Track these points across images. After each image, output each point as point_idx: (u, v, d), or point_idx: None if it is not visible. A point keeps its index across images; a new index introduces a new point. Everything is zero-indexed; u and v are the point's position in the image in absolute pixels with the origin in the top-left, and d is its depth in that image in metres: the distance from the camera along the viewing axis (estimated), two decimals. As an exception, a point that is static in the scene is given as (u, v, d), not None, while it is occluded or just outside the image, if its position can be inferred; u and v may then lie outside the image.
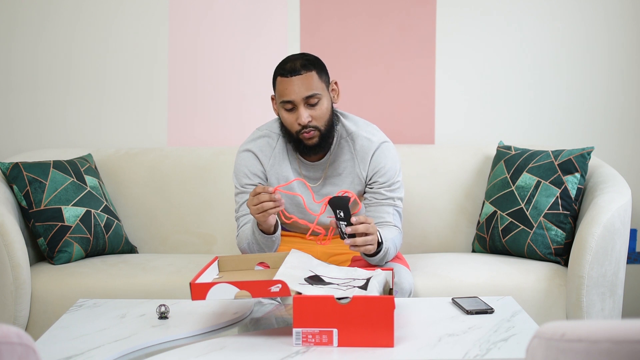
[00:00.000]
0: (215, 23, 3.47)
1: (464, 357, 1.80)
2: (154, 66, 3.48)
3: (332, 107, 2.49)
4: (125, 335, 1.96)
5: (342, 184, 2.52)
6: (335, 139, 2.51)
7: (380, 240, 2.29)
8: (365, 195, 2.54)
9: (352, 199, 2.15)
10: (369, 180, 2.51)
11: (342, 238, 2.20)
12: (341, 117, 2.55)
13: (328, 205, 2.17)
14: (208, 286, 1.92)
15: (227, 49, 3.48)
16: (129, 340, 1.93)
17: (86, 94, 3.49)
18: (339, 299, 1.86)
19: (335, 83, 2.50)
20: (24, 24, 3.45)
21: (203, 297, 1.92)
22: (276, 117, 2.60)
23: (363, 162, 2.50)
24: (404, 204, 2.74)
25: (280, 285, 1.88)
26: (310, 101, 2.38)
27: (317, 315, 1.85)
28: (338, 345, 1.86)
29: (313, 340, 1.86)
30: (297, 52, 3.45)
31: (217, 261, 2.21)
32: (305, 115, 2.38)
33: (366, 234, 2.20)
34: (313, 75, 2.39)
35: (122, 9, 3.46)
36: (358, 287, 2.01)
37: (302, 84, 2.37)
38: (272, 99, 2.50)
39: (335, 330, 1.85)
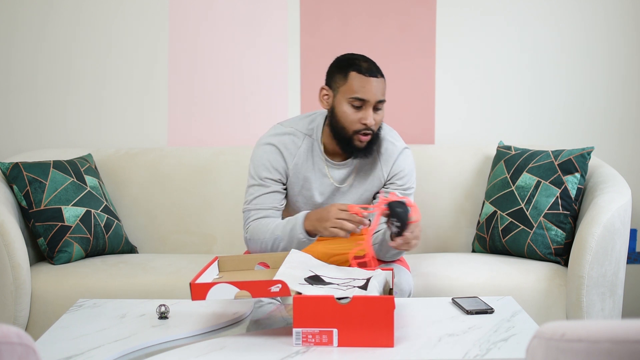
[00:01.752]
0: (215, 23, 3.47)
1: (464, 357, 1.80)
2: (154, 66, 3.48)
3: None
4: (125, 335, 1.96)
5: (366, 185, 2.52)
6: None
7: None
8: (378, 194, 2.53)
9: (411, 211, 2.15)
10: (387, 181, 2.53)
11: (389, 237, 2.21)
12: None
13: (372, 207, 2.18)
14: (208, 286, 1.92)
15: (227, 49, 3.48)
16: (129, 340, 1.93)
17: (86, 94, 3.49)
18: (339, 299, 1.86)
19: None
20: (24, 25, 3.45)
21: (203, 297, 1.92)
22: (301, 115, 2.57)
23: (386, 165, 2.51)
24: None
25: (280, 285, 1.88)
26: (378, 106, 2.39)
27: (317, 315, 1.85)
28: (338, 345, 1.86)
29: (313, 340, 1.86)
30: (298, 52, 3.46)
31: (217, 261, 2.21)
32: (372, 117, 2.38)
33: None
34: (384, 81, 2.42)
35: (122, 9, 3.46)
36: (358, 287, 2.01)
37: (378, 87, 2.38)
38: (324, 89, 2.45)
39: (335, 330, 1.85)
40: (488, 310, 2.11)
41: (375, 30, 3.47)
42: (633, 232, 3.46)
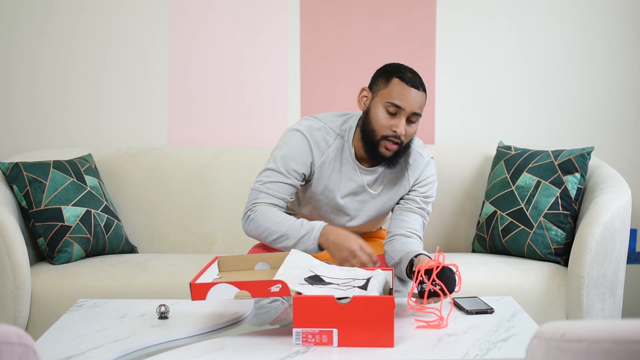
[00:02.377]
0: (215, 23, 3.47)
1: (464, 357, 1.80)
2: (154, 66, 3.48)
3: None
4: (125, 335, 1.96)
5: (391, 193, 2.49)
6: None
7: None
8: (400, 199, 2.51)
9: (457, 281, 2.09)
10: (411, 189, 2.50)
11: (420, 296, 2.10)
12: None
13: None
14: (208, 286, 1.92)
15: (227, 49, 3.48)
16: (129, 340, 1.93)
17: (86, 94, 3.49)
18: (339, 299, 1.86)
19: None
20: (24, 24, 3.45)
21: (203, 298, 1.92)
22: (336, 113, 2.51)
23: (413, 176, 2.48)
24: None
25: (280, 285, 1.87)
26: (413, 118, 2.35)
27: (317, 315, 1.85)
28: (338, 345, 1.85)
29: (313, 340, 1.86)
30: (298, 52, 3.46)
31: (217, 261, 2.21)
32: (404, 127, 2.34)
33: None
34: (425, 96, 2.38)
35: (122, 9, 3.46)
36: (358, 287, 2.01)
37: (417, 99, 2.34)
38: (364, 89, 2.42)
39: (335, 330, 1.85)
40: (488, 310, 2.11)
41: (375, 30, 3.47)
42: (633, 232, 3.46)
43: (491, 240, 3.02)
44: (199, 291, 1.92)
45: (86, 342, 1.92)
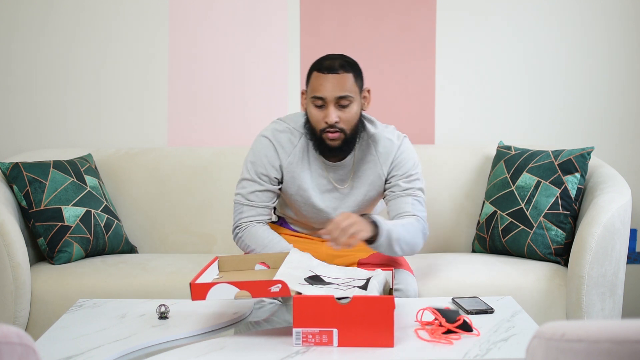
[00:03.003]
0: (215, 23, 3.47)
1: (464, 357, 1.80)
2: (154, 66, 3.48)
3: (361, 113, 2.46)
4: (125, 335, 1.96)
5: (367, 186, 2.49)
6: (358, 142, 2.47)
7: (375, 224, 2.21)
8: (385, 192, 2.50)
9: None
10: (388, 175, 2.49)
11: None
12: (364, 121, 2.51)
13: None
14: (208, 286, 1.92)
15: (227, 50, 3.48)
16: (129, 340, 1.93)
17: (86, 94, 3.49)
18: (339, 299, 1.86)
19: (368, 91, 2.46)
20: (24, 24, 3.45)
21: (203, 297, 1.92)
22: (303, 112, 2.54)
23: (385, 163, 2.48)
24: None
25: (280, 285, 1.88)
26: (341, 102, 2.36)
27: (317, 315, 1.85)
28: (338, 345, 1.86)
29: (313, 340, 1.86)
30: (298, 52, 3.46)
31: (217, 261, 2.21)
32: (334, 115, 2.35)
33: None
34: (349, 77, 2.37)
35: (122, 9, 3.46)
36: (358, 287, 2.01)
37: (337, 84, 2.35)
38: (303, 93, 2.46)
39: (335, 330, 1.85)
40: (488, 310, 2.11)
41: (375, 30, 3.47)
42: (633, 232, 3.46)
43: (491, 240, 3.02)
44: (199, 291, 1.92)
45: (86, 342, 1.92)
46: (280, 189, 2.50)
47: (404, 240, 2.32)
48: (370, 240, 2.23)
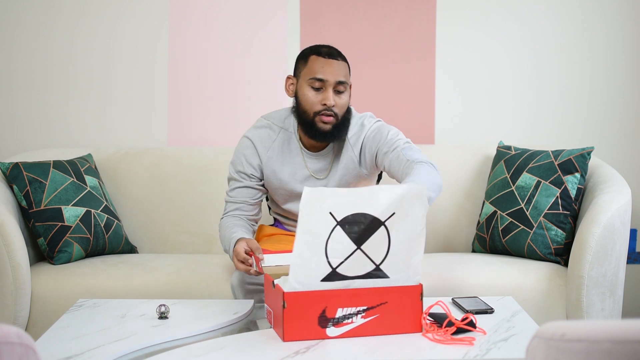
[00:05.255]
0: (215, 23, 3.47)
1: (464, 357, 1.80)
2: (154, 66, 3.48)
3: None
4: (125, 335, 1.96)
5: (341, 171, 2.52)
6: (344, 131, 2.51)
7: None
8: (385, 168, 2.45)
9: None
10: (362, 159, 2.50)
11: None
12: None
13: None
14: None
15: (227, 49, 3.48)
16: (129, 340, 1.93)
17: (86, 94, 3.49)
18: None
19: (350, 86, 2.52)
20: (24, 24, 3.45)
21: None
22: (286, 108, 2.60)
23: (356, 145, 2.50)
24: None
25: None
26: (339, 88, 2.42)
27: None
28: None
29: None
30: (297, 52, 3.46)
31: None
32: (332, 98, 2.40)
33: None
34: (346, 66, 2.46)
35: (122, 9, 3.46)
36: (372, 271, 1.93)
37: (338, 68, 2.42)
38: (289, 78, 2.51)
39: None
40: (488, 310, 2.11)
41: (375, 30, 3.47)
42: (633, 232, 3.46)
43: (491, 240, 3.02)
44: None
45: (86, 342, 1.92)
46: (263, 186, 2.56)
47: (428, 185, 2.22)
48: None
